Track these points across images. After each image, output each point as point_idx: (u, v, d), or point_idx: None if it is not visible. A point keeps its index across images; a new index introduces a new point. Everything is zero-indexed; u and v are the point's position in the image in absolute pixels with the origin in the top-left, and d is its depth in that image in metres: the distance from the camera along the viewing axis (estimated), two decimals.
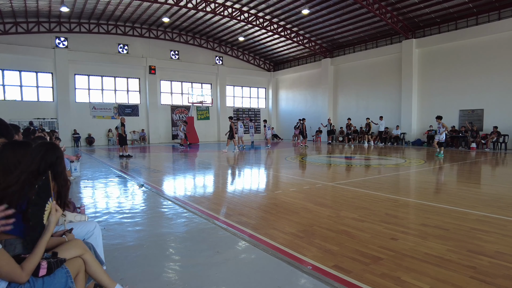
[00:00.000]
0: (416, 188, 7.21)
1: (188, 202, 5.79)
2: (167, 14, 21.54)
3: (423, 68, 19.57)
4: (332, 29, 21.89)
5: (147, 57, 24.23)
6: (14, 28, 19.78)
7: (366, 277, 2.82)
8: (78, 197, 6.31)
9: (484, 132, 16.89)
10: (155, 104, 24.78)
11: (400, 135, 20.33)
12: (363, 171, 9.64)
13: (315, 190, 6.69)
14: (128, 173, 9.45)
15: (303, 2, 18.84)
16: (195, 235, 4.05)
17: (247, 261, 3.28)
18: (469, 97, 17.61)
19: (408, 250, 3.41)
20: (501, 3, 16.02)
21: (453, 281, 2.72)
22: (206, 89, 27.24)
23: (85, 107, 22.50)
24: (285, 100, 30.15)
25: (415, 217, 4.75)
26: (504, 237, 3.78)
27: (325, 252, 3.40)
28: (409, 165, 10.71)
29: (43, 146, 2.21)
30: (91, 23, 21.95)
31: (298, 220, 4.54)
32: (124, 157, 13.79)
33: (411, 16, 18.74)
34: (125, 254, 3.44)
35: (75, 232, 2.51)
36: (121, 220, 4.71)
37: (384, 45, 21.57)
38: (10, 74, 20.27)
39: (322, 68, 25.42)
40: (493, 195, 6.24)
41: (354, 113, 23.50)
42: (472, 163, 11.31)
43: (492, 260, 3.14)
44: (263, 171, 10.12)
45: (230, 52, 28.19)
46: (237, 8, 20.66)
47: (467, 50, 17.61)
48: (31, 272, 1.74)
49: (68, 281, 1.89)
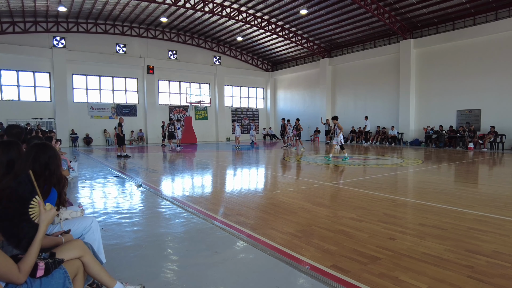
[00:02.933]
0: (414, 188, 7.22)
1: (186, 202, 5.78)
2: (165, 14, 21.51)
3: (421, 68, 19.62)
4: (330, 29, 21.92)
5: (145, 57, 24.19)
6: (12, 28, 19.70)
7: (364, 276, 2.83)
8: (76, 197, 6.30)
9: (482, 132, 16.95)
10: (153, 104, 24.74)
11: (398, 135, 20.38)
12: (361, 171, 9.66)
13: (313, 190, 6.69)
14: (126, 173, 9.43)
15: (301, 2, 18.85)
16: (193, 235, 4.05)
17: (245, 261, 3.28)
18: (466, 97, 17.67)
19: (406, 249, 3.42)
20: (498, 3, 16.09)
21: (450, 281, 2.73)
22: (204, 89, 27.24)
23: (83, 107, 22.43)
24: (283, 100, 30.17)
25: (413, 217, 4.76)
26: (501, 237, 3.80)
27: (323, 252, 3.41)
28: (406, 165, 10.74)
29: (34, 147, 2.20)
30: (89, 23, 21.90)
31: (296, 220, 4.54)
32: (122, 157, 13.76)
33: (409, 17, 18.78)
34: (123, 254, 3.43)
35: (73, 229, 2.51)
36: (119, 220, 4.70)
37: (382, 45, 21.61)
38: (8, 74, 20.19)
39: (320, 68, 25.45)
40: (491, 195, 6.26)
41: (352, 113, 23.56)
42: (470, 163, 11.35)
43: (490, 260, 3.15)
44: (261, 171, 10.12)
45: (228, 52, 28.17)
46: (235, 8, 20.65)
47: (465, 50, 17.67)
48: (28, 273, 1.72)
49: (66, 281, 1.87)
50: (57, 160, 2.24)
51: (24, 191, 1.89)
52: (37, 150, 2.17)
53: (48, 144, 2.27)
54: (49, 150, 2.22)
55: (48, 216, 1.91)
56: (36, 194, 1.92)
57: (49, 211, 1.92)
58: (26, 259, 1.74)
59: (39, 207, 1.91)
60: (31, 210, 1.88)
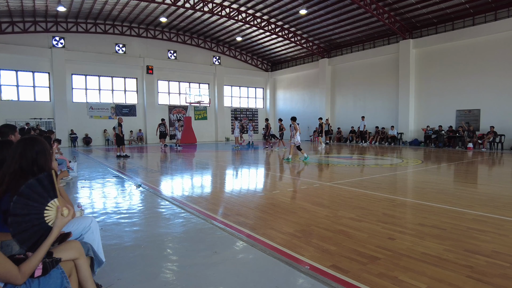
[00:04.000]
0: (413, 188, 7.23)
1: (185, 202, 5.78)
2: (165, 14, 21.50)
3: (420, 68, 19.64)
4: (329, 29, 21.93)
5: (144, 57, 24.18)
6: (11, 28, 19.68)
7: (364, 276, 2.83)
8: (76, 197, 6.29)
9: (481, 132, 16.97)
10: (152, 104, 24.72)
11: (397, 135, 20.39)
12: (361, 171, 9.66)
13: (313, 190, 6.70)
14: (125, 173, 9.42)
15: (300, 2, 18.86)
16: (193, 235, 4.04)
17: (245, 261, 3.27)
18: (466, 97, 17.70)
19: (406, 249, 3.42)
20: (497, 3, 16.11)
21: (450, 281, 2.73)
22: (203, 89, 27.23)
23: (82, 107, 22.41)
24: (283, 100, 30.17)
25: (412, 217, 4.77)
26: (501, 237, 3.81)
27: (323, 252, 3.41)
28: (406, 165, 10.74)
29: (20, 142, 2.13)
30: (88, 23, 21.88)
31: (296, 220, 4.54)
32: (121, 157, 13.75)
33: (408, 17, 18.80)
34: (123, 254, 3.43)
35: (72, 229, 2.50)
36: (118, 220, 4.70)
37: (382, 45, 21.63)
38: (7, 74, 20.16)
39: (320, 68, 25.46)
40: (490, 194, 6.27)
41: (351, 113, 23.57)
42: (469, 163, 11.36)
43: (489, 260, 3.15)
44: (261, 171, 10.12)
45: (228, 52, 28.17)
46: (235, 8, 20.65)
47: (464, 51, 17.69)
48: (28, 275, 1.70)
49: (64, 281, 1.87)
50: (46, 155, 2.16)
51: (43, 191, 1.84)
52: (24, 146, 2.10)
53: (36, 139, 2.18)
54: (37, 145, 2.13)
55: (63, 222, 1.87)
56: (55, 197, 1.87)
57: (66, 217, 1.88)
58: (30, 261, 1.71)
59: (56, 211, 1.86)
60: (47, 212, 1.83)
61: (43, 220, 1.82)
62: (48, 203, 1.84)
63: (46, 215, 1.82)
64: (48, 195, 1.85)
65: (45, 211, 1.82)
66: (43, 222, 1.82)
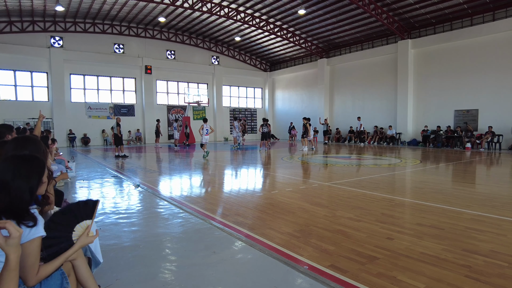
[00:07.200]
0: (411, 188, 7.24)
1: (184, 202, 5.77)
2: (163, 13, 21.48)
3: (419, 68, 19.69)
4: (328, 29, 21.95)
5: (143, 57, 24.15)
6: (9, 27, 19.62)
7: (362, 276, 2.83)
8: (74, 197, 6.28)
9: (479, 132, 17.02)
10: (151, 104, 24.69)
11: (395, 135, 20.43)
12: (359, 171, 9.68)
13: (312, 190, 6.70)
14: (124, 173, 9.41)
15: (299, 2, 18.88)
16: (192, 235, 4.04)
17: (243, 261, 3.27)
18: (464, 97, 17.75)
19: (404, 249, 3.43)
20: (495, 4, 16.16)
21: (448, 280, 2.74)
22: (202, 89, 27.21)
23: (80, 107, 22.36)
24: (282, 100, 30.19)
25: (410, 217, 4.77)
26: (499, 236, 3.81)
27: (322, 251, 3.41)
28: (404, 165, 10.76)
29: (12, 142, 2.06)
30: (87, 23, 21.84)
31: (295, 220, 4.54)
32: (120, 157, 13.73)
33: (406, 17, 18.84)
34: (121, 254, 3.42)
35: None
36: (117, 220, 4.69)
37: (380, 46, 21.67)
38: (4, 73, 20.10)
39: (319, 68, 25.49)
40: (488, 194, 6.28)
41: (350, 113, 23.60)
42: (467, 163, 11.39)
43: (487, 259, 3.16)
44: (259, 171, 10.11)
45: (227, 52, 28.16)
46: (234, 8, 20.64)
47: (462, 51, 17.73)
48: (41, 279, 1.71)
49: (64, 282, 1.87)
50: (39, 154, 2.08)
51: (83, 214, 1.97)
52: (15, 146, 2.06)
53: (29, 138, 2.12)
54: (30, 144, 2.08)
55: (86, 241, 1.94)
56: (90, 220, 1.98)
57: (90, 237, 1.96)
58: (47, 267, 1.74)
59: (84, 230, 1.95)
60: (76, 229, 1.94)
61: (70, 237, 1.93)
62: (80, 222, 1.96)
63: (75, 231, 1.95)
64: (86, 218, 1.98)
65: (75, 228, 1.95)
66: (70, 238, 1.93)
